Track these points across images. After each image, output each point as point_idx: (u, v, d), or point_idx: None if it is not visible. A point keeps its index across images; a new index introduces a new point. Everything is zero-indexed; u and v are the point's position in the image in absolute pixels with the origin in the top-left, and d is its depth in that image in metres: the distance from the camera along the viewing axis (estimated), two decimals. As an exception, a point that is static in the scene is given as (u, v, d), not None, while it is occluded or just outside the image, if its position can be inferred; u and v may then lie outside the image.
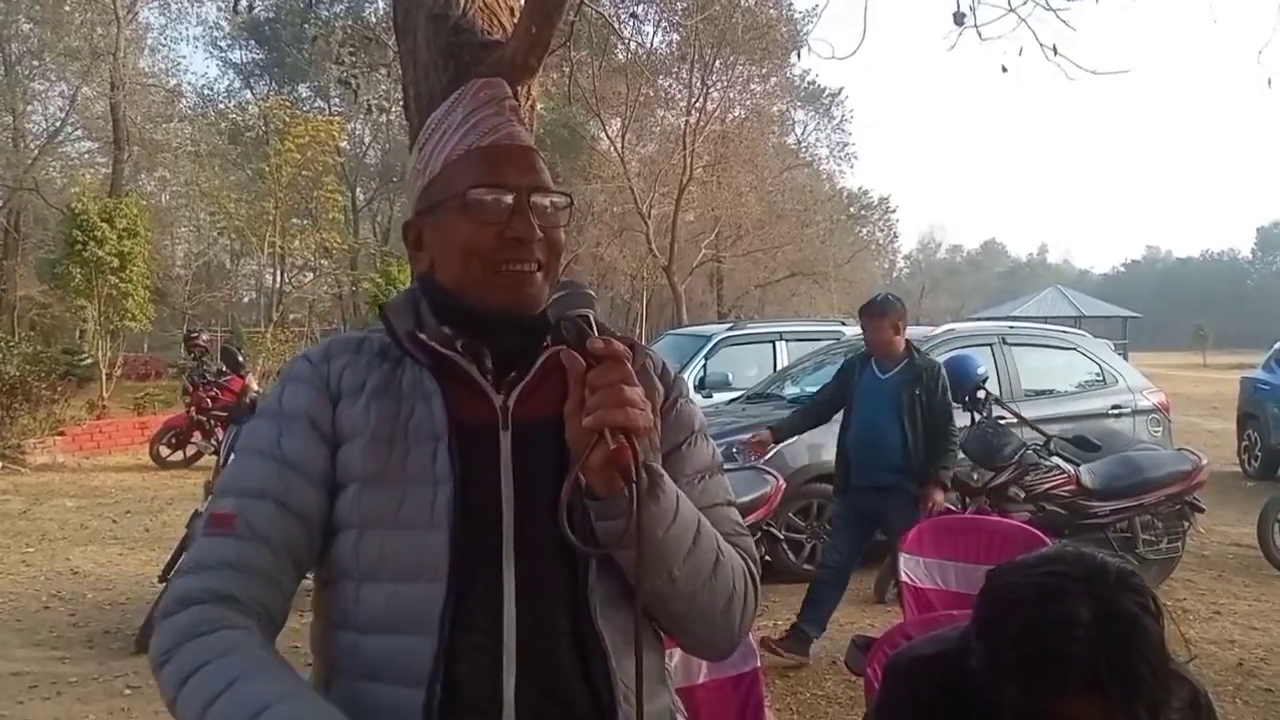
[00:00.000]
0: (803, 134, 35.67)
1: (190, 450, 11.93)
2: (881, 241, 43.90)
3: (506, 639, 1.12)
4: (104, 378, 15.27)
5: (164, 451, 11.94)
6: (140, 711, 4.37)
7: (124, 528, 8.42)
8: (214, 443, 11.13)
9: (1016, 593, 1.43)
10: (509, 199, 1.20)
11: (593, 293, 1.20)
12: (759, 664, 2.43)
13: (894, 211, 42.69)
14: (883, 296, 5.24)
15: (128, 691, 4.62)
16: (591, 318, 1.15)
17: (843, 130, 36.44)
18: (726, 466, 1.39)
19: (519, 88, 3.48)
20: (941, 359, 6.71)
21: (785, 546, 6.47)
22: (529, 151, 1.26)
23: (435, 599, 1.11)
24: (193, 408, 11.78)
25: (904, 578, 3.30)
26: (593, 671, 1.15)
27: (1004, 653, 1.40)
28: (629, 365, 1.10)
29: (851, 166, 68.17)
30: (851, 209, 39.80)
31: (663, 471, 1.16)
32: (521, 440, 1.18)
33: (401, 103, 3.92)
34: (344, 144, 25.33)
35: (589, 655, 1.15)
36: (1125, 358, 11.22)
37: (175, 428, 12.07)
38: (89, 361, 16.36)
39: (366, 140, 32.84)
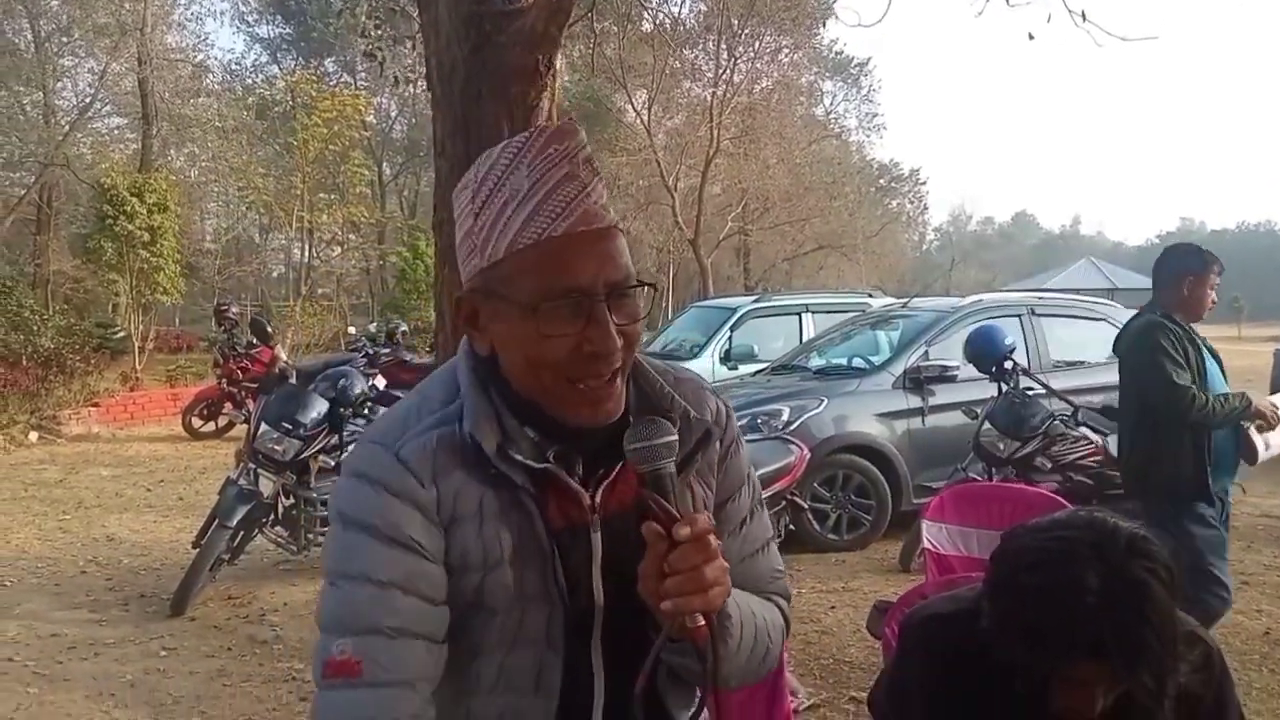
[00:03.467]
0: (831, 105, 35.39)
1: (222, 421, 12.12)
2: (911, 213, 43.46)
3: None
4: (136, 350, 15.47)
5: (196, 422, 12.13)
6: (176, 671, 4.47)
7: (158, 496, 8.57)
8: (245, 413, 11.28)
9: (1027, 556, 1.44)
10: (584, 306, 1.06)
11: (674, 437, 1.08)
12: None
13: (924, 183, 42.14)
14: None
15: (163, 653, 4.73)
16: (672, 475, 1.07)
17: (871, 100, 36.20)
18: (750, 438, 1.39)
19: (540, 57, 3.48)
20: (968, 330, 6.72)
21: (810, 516, 6.48)
22: (606, 234, 1.09)
23: (548, 714, 1.15)
24: (224, 379, 11.94)
25: (927, 544, 3.31)
26: None
27: (1013, 615, 1.41)
28: (712, 540, 1.04)
29: (881, 137, 67.69)
30: (881, 181, 39.43)
31: (729, 610, 1.11)
32: (611, 536, 1.14)
33: (425, 74, 3.93)
34: (370, 118, 25.38)
35: None
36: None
37: (207, 399, 12.26)
38: (121, 335, 16.58)
39: (393, 114, 32.88)
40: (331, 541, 1.12)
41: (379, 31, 8.02)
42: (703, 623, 1.03)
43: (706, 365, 10.09)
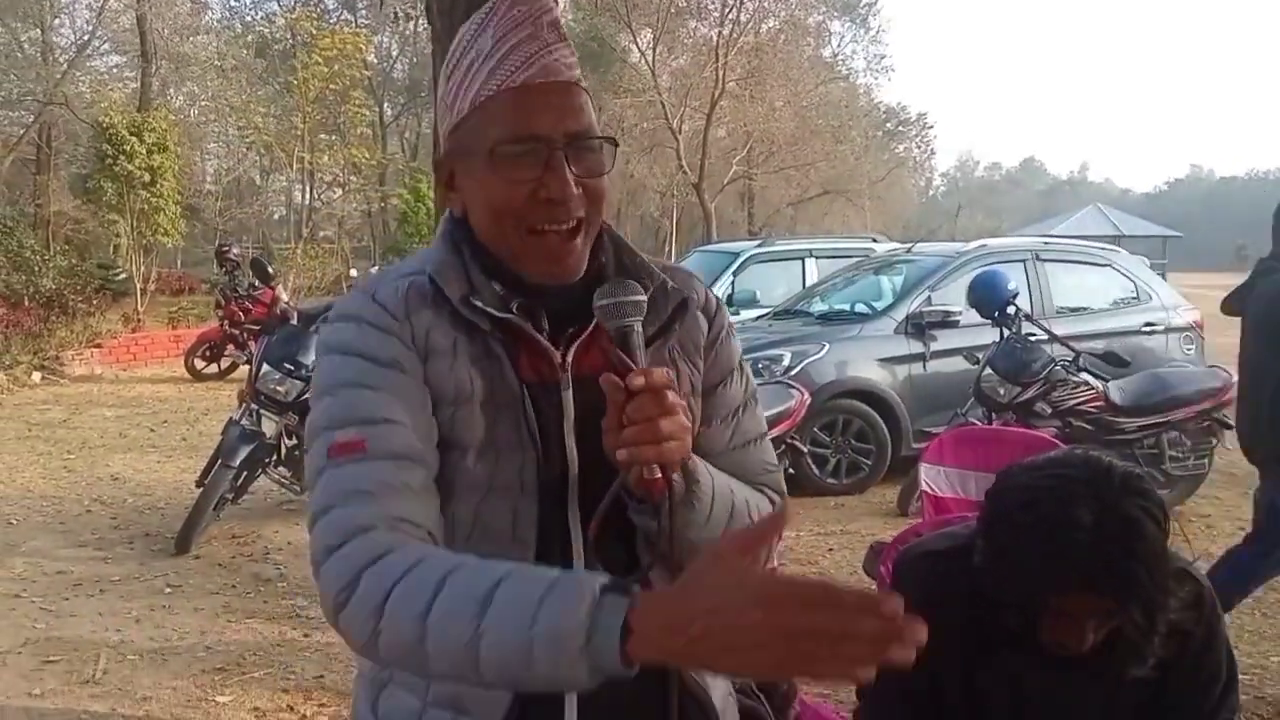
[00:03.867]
0: (839, 46, 34.85)
1: (225, 362, 12.14)
2: (918, 159, 43.10)
3: None
4: (139, 292, 15.46)
5: (199, 364, 12.16)
6: (180, 608, 4.54)
7: (161, 436, 8.63)
8: (247, 354, 11.30)
9: (1022, 494, 1.44)
10: (543, 153, 1.09)
11: (638, 293, 1.11)
12: (775, 564, 2.48)
13: (931, 128, 41.70)
14: None
15: (168, 590, 4.79)
16: (634, 331, 1.09)
17: (879, 42, 35.66)
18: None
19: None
20: (972, 276, 6.69)
21: (809, 460, 6.52)
22: (567, 89, 1.12)
23: (525, 561, 1.13)
24: (226, 321, 11.94)
25: (924, 486, 3.31)
26: None
27: (1005, 552, 1.42)
28: (669, 394, 1.05)
29: (889, 79, 66.82)
30: (888, 124, 39.02)
31: (698, 475, 1.14)
32: (583, 395, 1.14)
33: (425, 8, 3.86)
34: (371, 57, 25.04)
35: None
36: (1164, 277, 11.04)
37: (209, 340, 12.27)
38: (123, 276, 16.54)
39: (394, 53, 32.40)
40: (320, 369, 1.15)
41: (378, -33, 7.88)
42: (659, 475, 1.05)
43: (709, 310, 10.05)
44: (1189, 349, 7.86)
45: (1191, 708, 1.55)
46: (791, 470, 6.18)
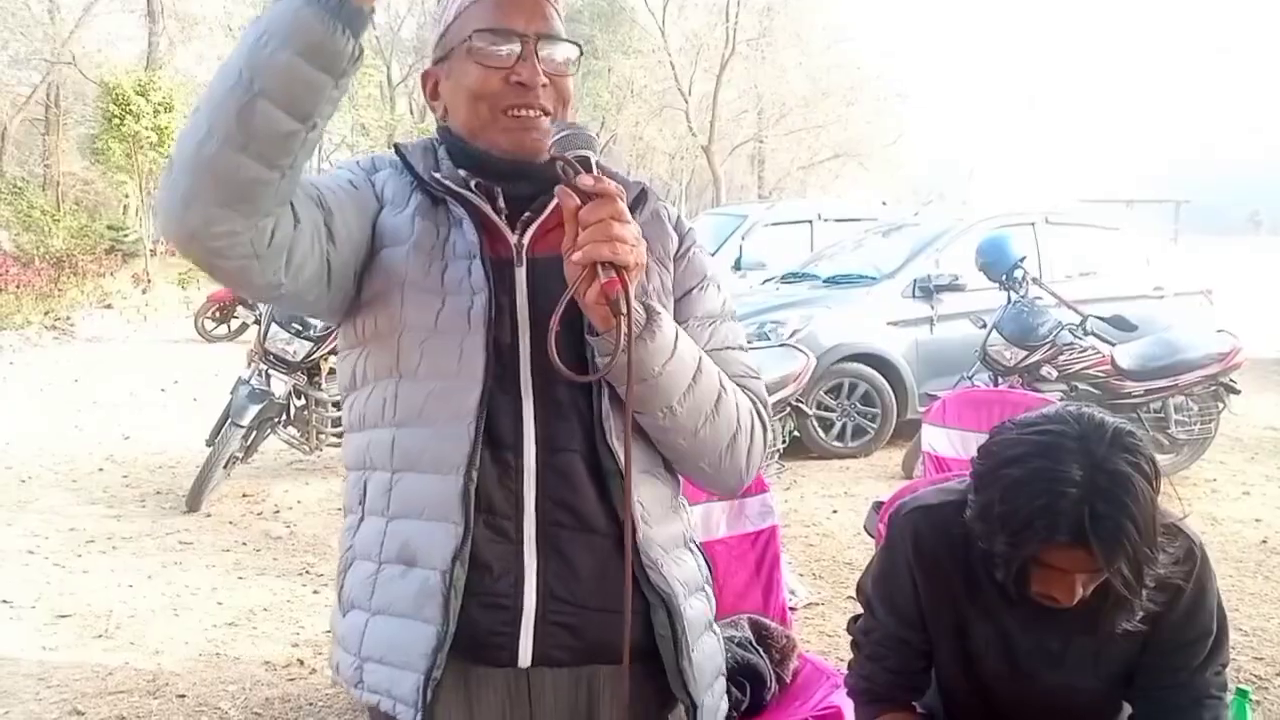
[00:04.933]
0: (852, 7, 34.38)
1: (235, 324, 12.20)
2: (931, 122, 42.59)
3: (526, 454, 1.19)
4: (148, 253, 15.49)
5: (209, 325, 12.23)
6: (192, 565, 4.60)
7: (172, 396, 8.69)
8: (256, 315, 11.33)
9: (1013, 449, 1.46)
10: (515, 45, 1.23)
11: (593, 134, 1.19)
12: (776, 522, 2.52)
13: (945, 91, 41.10)
14: None
15: (180, 547, 4.85)
16: (591, 159, 1.16)
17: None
18: (757, 345, 1.42)
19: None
20: (979, 239, 6.65)
21: (815, 423, 6.54)
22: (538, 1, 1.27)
23: (471, 394, 1.18)
24: (235, 282, 11.96)
25: (926, 447, 3.34)
26: (609, 491, 1.21)
27: (995, 505, 1.43)
28: (620, 202, 1.12)
29: (903, 43, 65.93)
30: (900, 88, 38.58)
31: (660, 309, 1.19)
32: (537, 276, 1.22)
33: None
34: (379, 16, 24.79)
35: (605, 475, 1.21)
36: (1175, 241, 10.97)
37: (219, 302, 12.32)
38: (133, 237, 16.58)
39: (402, 13, 32.16)
40: None
41: (384, -76, 7.80)
42: (614, 277, 1.09)
43: (717, 273, 10.02)
44: (1197, 314, 7.83)
45: (1180, 661, 1.56)
46: (796, 433, 6.20)
